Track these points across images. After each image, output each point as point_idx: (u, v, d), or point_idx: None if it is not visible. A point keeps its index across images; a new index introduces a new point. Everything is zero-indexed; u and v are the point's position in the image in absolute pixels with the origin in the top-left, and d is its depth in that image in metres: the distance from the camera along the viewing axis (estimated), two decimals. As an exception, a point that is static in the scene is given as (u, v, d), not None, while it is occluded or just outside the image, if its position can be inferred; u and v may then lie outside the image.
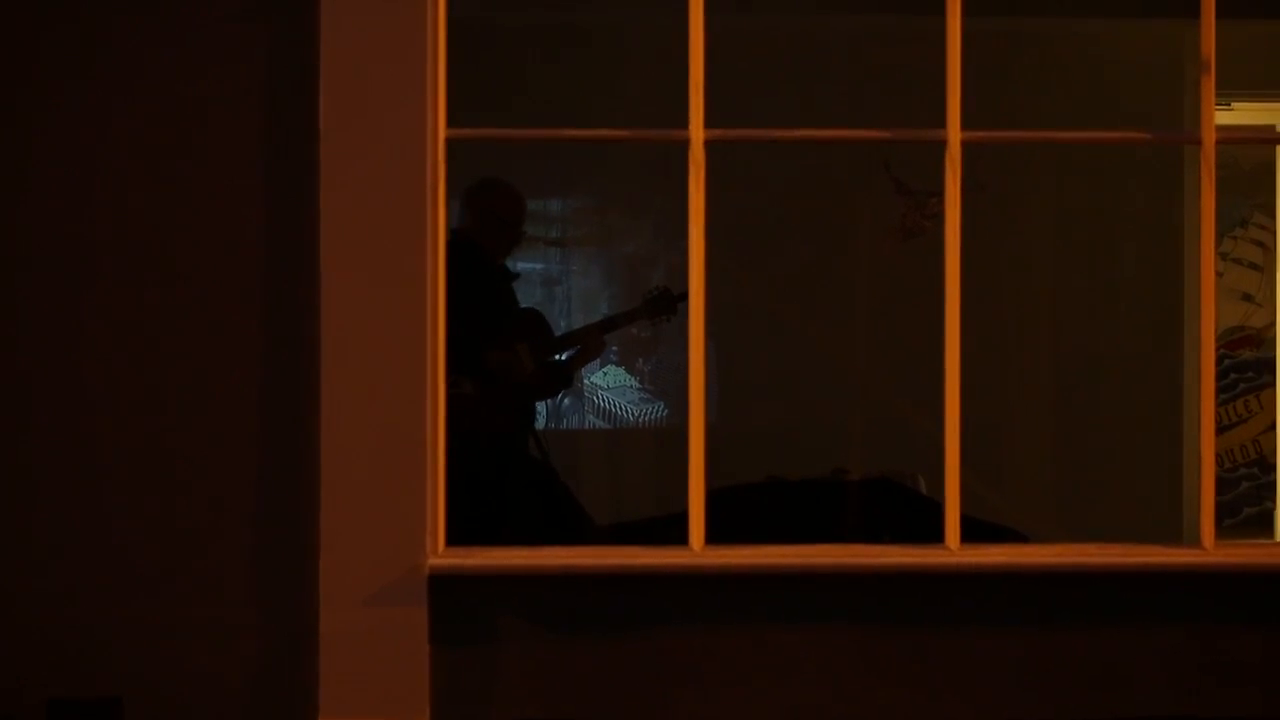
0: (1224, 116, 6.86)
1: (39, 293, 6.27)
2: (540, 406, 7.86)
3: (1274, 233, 8.19)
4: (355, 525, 6.17)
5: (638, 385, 8.86)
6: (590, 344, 7.47)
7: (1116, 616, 6.41)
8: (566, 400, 8.77)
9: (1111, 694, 6.42)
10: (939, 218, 6.55)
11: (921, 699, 6.39)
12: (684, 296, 7.44)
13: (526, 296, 8.34)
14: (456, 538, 6.37)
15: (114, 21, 6.31)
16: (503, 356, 7.10)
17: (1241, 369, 8.11)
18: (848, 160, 8.00)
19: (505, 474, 7.15)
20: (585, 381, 8.84)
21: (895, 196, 7.96)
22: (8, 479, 6.27)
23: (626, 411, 8.99)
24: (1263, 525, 8.01)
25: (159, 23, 6.31)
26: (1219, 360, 6.98)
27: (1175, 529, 7.00)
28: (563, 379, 7.56)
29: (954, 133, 6.44)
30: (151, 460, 6.26)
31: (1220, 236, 6.98)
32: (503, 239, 7.13)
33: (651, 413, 9.04)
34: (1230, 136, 6.98)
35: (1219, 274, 6.94)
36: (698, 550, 6.38)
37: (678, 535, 6.42)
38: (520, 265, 8.03)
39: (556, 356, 7.45)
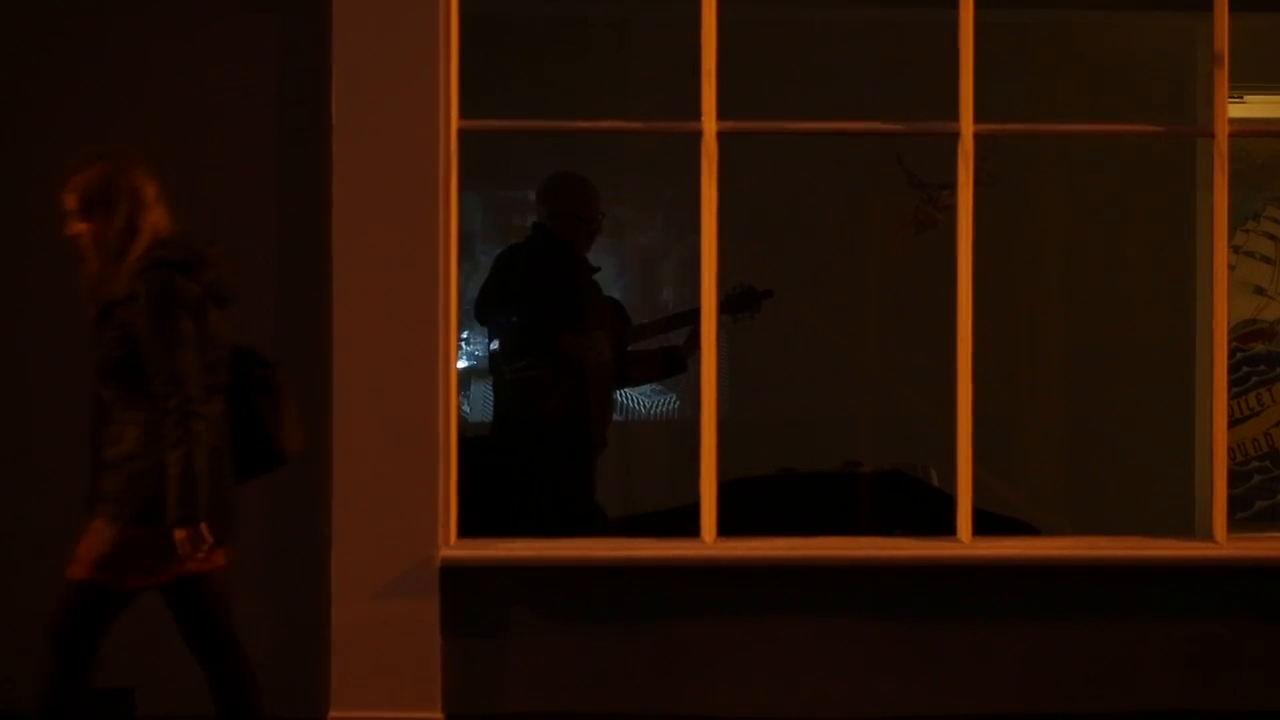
0: (1236, 109, 6.84)
1: (49, 287, 6.27)
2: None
3: (1287, 226, 8.18)
4: (367, 517, 6.18)
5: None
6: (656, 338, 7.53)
7: (1128, 609, 6.41)
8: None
9: (1122, 687, 6.42)
10: (951, 210, 6.55)
11: (931, 691, 6.39)
12: (769, 294, 7.46)
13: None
14: (475, 524, 6.39)
15: (122, 16, 6.31)
16: (578, 342, 7.14)
17: (1253, 362, 8.07)
18: (860, 153, 7.99)
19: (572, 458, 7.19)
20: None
21: (908, 189, 7.95)
22: (20, 472, 6.28)
23: (638, 403, 8.98)
24: (1275, 519, 7.97)
25: (168, 16, 6.32)
26: (1231, 354, 6.94)
27: (1187, 522, 6.98)
28: (640, 371, 7.64)
29: (967, 125, 6.43)
30: (164, 451, 6.27)
31: (1232, 230, 6.94)
32: (580, 233, 7.19)
33: (663, 405, 9.04)
34: (1243, 129, 6.97)
35: (1231, 267, 6.91)
36: (709, 542, 6.39)
37: (689, 527, 6.42)
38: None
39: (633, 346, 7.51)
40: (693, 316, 6.94)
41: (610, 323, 7.36)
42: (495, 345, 7.25)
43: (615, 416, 7.89)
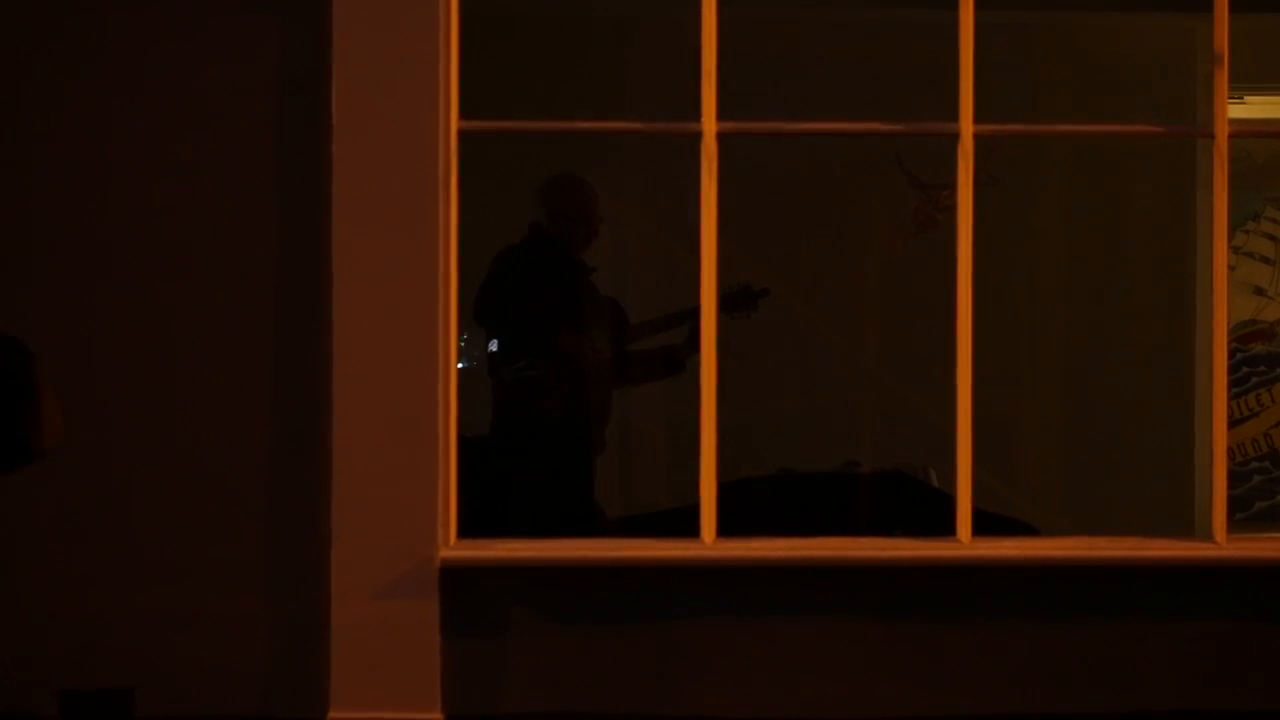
0: (1236, 110, 6.84)
1: (50, 286, 6.28)
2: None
3: (1287, 227, 8.19)
4: (367, 517, 6.18)
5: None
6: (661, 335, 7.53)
7: (1128, 610, 6.40)
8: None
9: (1122, 688, 6.42)
10: (951, 210, 6.55)
11: (932, 691, 6.39)
12: (765, 292, 7.46)
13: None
14: (475, 525, 6.39)
15: (121, 15, 6.31)
16: (575, 342, 7.15)
17: (1253, 363, 8.08)
18: (860, 153, 7.99)
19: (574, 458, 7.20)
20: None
21: (908, 189, 7.95)
22: (18, 473, 6.27)
23: (638, 403, 8.96)
24: (1274, 519, 7.98)
25: (168, 16, 6.32)
26: (1231, 354, 6.94)
27: (1186, 523, 6.98)
28: (647, 367, 7.63)
29: (966, 126, 6.43)
30: (163, 452, 6.27)
31: (1232, 230, 6.94)
32: (577, 234, 7.20)
33: (663, 405, 9.02)
34: (1243, 130, 6.97)
35: (1231, 268, 6.91)
36: (709, 543, 6.38)
37: (689, 528, 6.42)
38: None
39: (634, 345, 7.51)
40: (690, 315, 6.95)
41: (608, 322, 7.36)
42: (494, 346, 7.25)
43: (614, 416, 7.88)
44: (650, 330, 7.63)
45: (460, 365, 6.45)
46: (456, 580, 6.24)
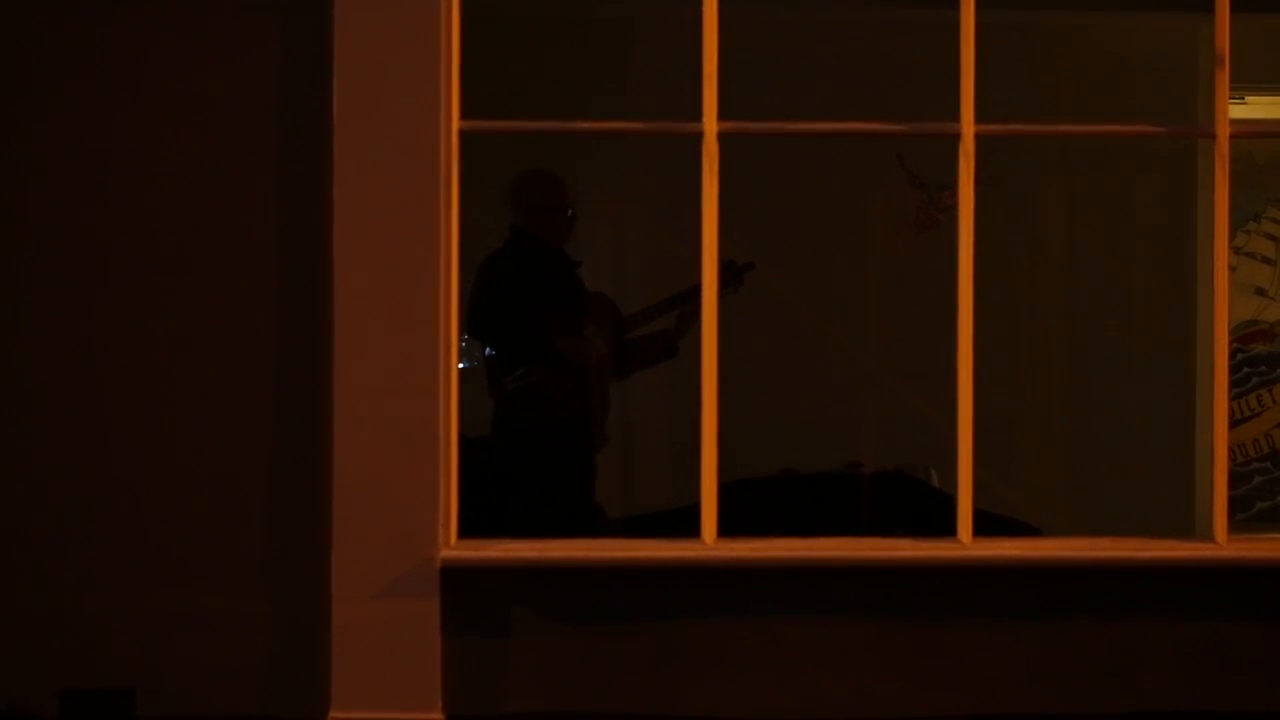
0: (1238, 110, 6.84)
1: (51, 286, 6.28)
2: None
3: (1287, 227, 8.20)
4: (368, 517, 6.18)
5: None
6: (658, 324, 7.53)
7: (1129, 610, 6.40)
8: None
9: (1123, 688, 6.42)
10: (952, 211, 6.55)
11: (933, 692, 6.39)
12: (750, 266, 7.46)
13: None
14: (475, 525, 6.39)
15: (122, 14, 6.31)
16: (574, 343, 7.15)
17: (1254, 363, 8.09)
18: (861, 153, 7.99)
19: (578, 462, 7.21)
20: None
21: (908, 189, 7.96)
22: (21, 472, 6.28)
23: (639, 402, 8.96)
24: (1275, 520, 7.99)
25: (169, 15, 6.32)
26: (1231, 354, 6.95)
27: (1187, 523, 6.99)
28: (639, 357, 7.63)
29: (968, 126, 6.43)
30: (164, 452, 6.27)
31: (1233, 231, 6.94)
32: (554, 226, 7.20)
33: (664, 404, 9.02)
34: (1244, 130, 6.97)
35: (1231, 268, 6.91)
36: (710, 543, 6.38)
37: (690, 528, 6.42)
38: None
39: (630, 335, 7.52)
40: (678, 301, 6.97)
41: (601, 317, 7.36)
42: (490, 354, 7.25)
43: (615, 415, 7.89)
44: (642, 320, 7.63)
45: (461, 365, 6.45)
46: (457, 580, 6.24)
